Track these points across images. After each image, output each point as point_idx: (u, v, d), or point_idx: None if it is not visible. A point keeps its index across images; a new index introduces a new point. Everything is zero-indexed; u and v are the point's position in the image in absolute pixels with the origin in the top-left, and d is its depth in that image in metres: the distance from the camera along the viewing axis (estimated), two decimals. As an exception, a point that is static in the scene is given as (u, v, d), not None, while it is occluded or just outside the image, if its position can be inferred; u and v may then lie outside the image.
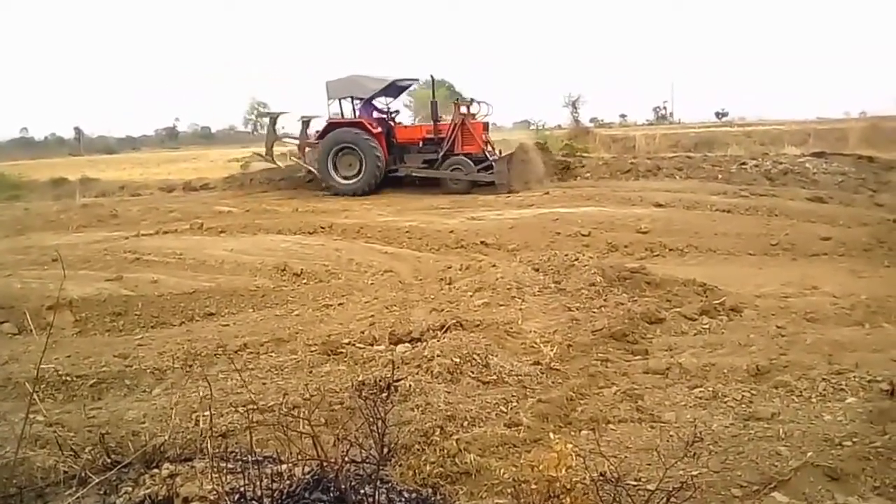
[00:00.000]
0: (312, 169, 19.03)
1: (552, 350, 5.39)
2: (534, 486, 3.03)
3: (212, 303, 7.82)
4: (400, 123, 19.38)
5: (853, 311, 6.36)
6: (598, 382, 4.88)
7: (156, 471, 3.08)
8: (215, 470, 2.87)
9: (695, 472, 3.37)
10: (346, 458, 2.84)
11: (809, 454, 3.42)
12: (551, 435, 3.83)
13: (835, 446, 3.49)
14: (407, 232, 11.34)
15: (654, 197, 13.01)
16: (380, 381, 4.56)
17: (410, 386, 4.60)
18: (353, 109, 18.47)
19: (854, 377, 4.42)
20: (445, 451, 3.61)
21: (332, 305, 7.46)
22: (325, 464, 2.73)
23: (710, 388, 4.59)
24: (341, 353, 5.56)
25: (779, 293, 7.18)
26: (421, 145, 17.90)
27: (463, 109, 17.24)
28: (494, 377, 4.92)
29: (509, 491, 3.24)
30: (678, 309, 6.41)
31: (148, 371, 5.54)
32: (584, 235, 10.67)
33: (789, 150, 22.05)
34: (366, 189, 17.29)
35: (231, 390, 4.87)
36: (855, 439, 3.52)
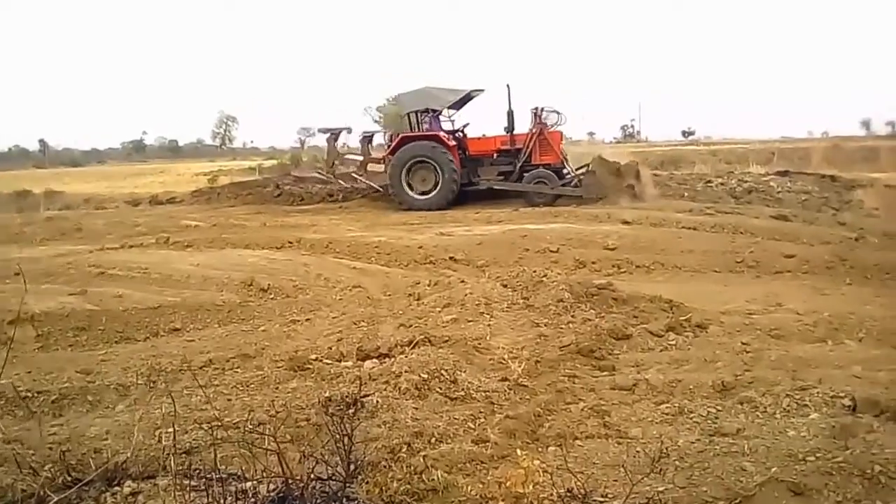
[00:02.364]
0: (375, 185, 18.79)
1: (520, 366, 5.39)
2: (501, 503, 3.03)
3: (177, 318, 7.74)
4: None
5: (816, 327, 6.44)
6: (565, 398, 4.88)
7: (117, 489, 3.04)
8: (178, 488, 2.84)
9: (661, 488, 3.38)
10: (312, 476, 2.82)
11: (774, 469, 3.45)
12: (519, 451, 3.82)
13: (798, 461, 3.52)
14: (376, 247, 11.32)
15: (622, 214, 13.13)
16: (347, 397, 4.53)
17: (378, 402, 4.58)
18: (418, 123, 18.02)
19: (817, 393, 4.47)
20: (412, 467, 3.59)
21: (299, 321, 7.42)
22: (290, 481, 2.71)
23: (677, 404, 4.61)
24: (308, 368, 5.51)
25: (744, 310, 7.24)
26: (495, 157, 17.51)
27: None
28: (462, 393, 4.91)
29: (476, 508, 3.23)
30: (645, 325, 6.44)
31: (111, 387, 5.44)
32: (552, 252, 10.71)
33: (754, 168, 22.41)
34: (443, 204, 16.72)
35: (196, 406, 4.80)
36: (818, 454, 3.56)
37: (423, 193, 17.01)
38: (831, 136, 57.51)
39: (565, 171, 16.97)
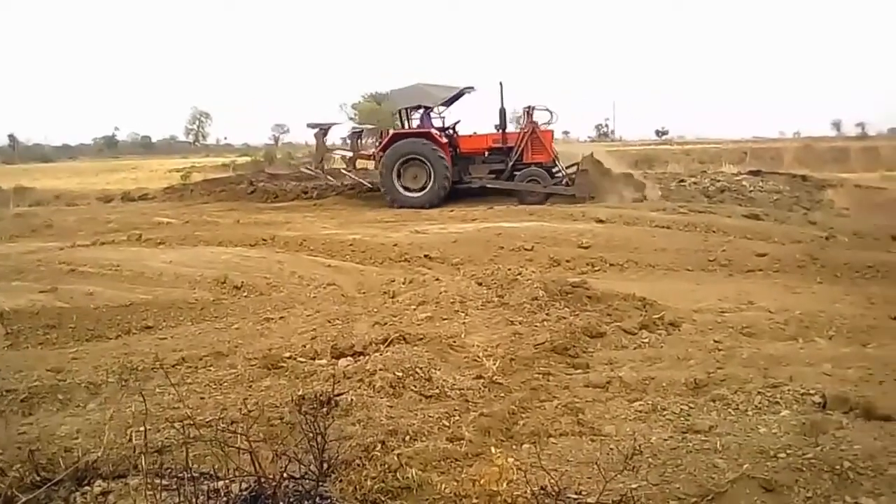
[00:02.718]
0: (364, 182, 18.62)
1: (495, 364, 5.40)
2: (475, 501, 3.03)
3: (149, 315, 7.67)
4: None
5: (787, 325, 6.51)
6: (539, 396, 4.90)
7: (87, 488, 3.00)
8: (150, 487, 2.81)
9: (634, 485, 3.40)
10: (285, 474, 2.80)
11: (745, 466, 3.48)
12: (493, 449, 3.83)
13: (770, 458, 3.56)
14: (350, 245, 11.28)
15: (596, 213, 13.18)
16: (320, 395, 4.51)
17: (352, 400, 4.56)
18: (408, 119, 17.91)
19: (788, 390, 4.52)
20: (387, 465, 3.58)
21: (273, 319, 7.38)
22: (262, 480, 2.69)
23: (650, 402, 4.64)
24: (282, 367, 5.49)
25: (716, 308, 7.30)
26: (486, 155, 17.35)
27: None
28: (437, 391, 4.91)
29: (451, 506, 3.23)
30: (618, 323, 6.47)
31: (82, 385, 5.38)
32: (527, 250, 10.74)
33: (727, 168, 22.64)
34: (434, 202, 16.53)
35: (168, 405, 4.76)
36: (789, 451, 3.60)
37: (413, 191, 16.85)
38: (803, 136, 58.26)
39: (556, 169, 16.92)
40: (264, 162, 37.13)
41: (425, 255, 10.73)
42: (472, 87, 18.16)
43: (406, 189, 16.90)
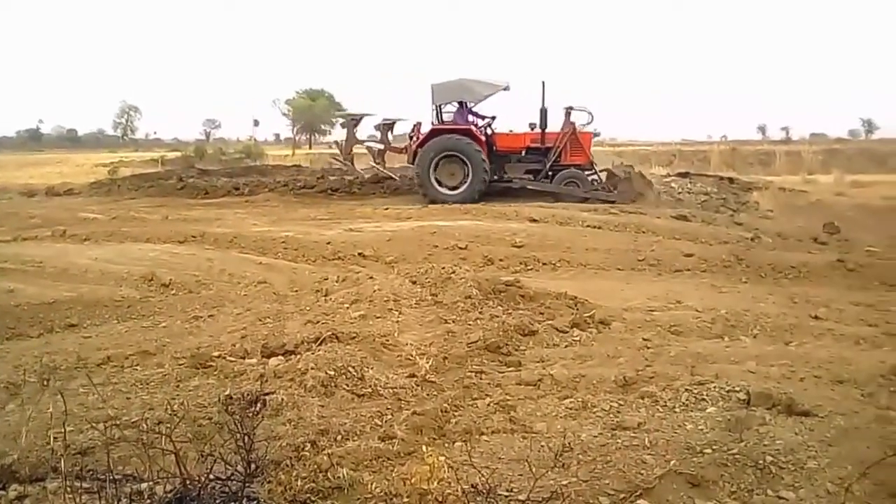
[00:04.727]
0: (393, 175, 18.17)
1: (428, 362, 5.39)
2: (406, 500, 3.02)
3: (73, 313, 7.44)
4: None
5: (714, 324, 6.66)
6: (472, 394, 4.91)
7: (2, 493, 2.89)
8: (69, 490, 2.71)
9: (564, 482, 3.43)
10: (211, 476, 2.74)
11: (672, 462, 3.54)
12: (425, 447, 3.82)
13: (696, 454, 3.63)
14: (283, 242, 11.15)
15: (529, 212, 13.29)
16: (248, 394, 4.44)
17: (283, 400, 4.51)
18: (439, 114, 17.28)
19: (714, 387, 4.62)
20: (317, 465, 3.53)
21: (202, 317, 7.24)
22: (188, 481, 2.63)
23: (580, 399, 4.69)
24: (211, 366, 5.38)
25: (645, 307, 7.43)
26: (523, 154, 16.98)
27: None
28: (369, 390, 4.88)
29: (382, 505, 3.21)
30: (550, 321, 6.53)
31: (1, 386, 5.19)
32: (461, 249, 10.76)
33: (656, 169, 23.09)
34: (470, 200, 15.87)
35: (92, 405, 4.63)
36: (714, 447, 3.68)
37: (450, 188, 16.43)
38: (730, 139, 59.73)
39: (590, 172, 16.71)
40: (195, 157, 36.56)
41: (359, 254, 10.67)
42: (508, 86, 17.69)
43: (441, 185, 16.51)
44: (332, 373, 4.97)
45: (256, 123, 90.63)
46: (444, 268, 8.14)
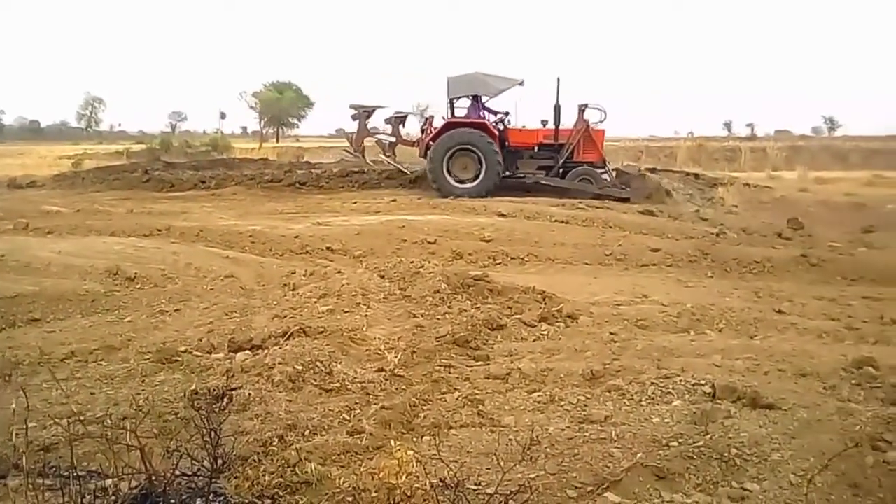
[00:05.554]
0: (402, 168, 17.98)
1: (396, 356, 5.39)
2: (374, 494, 3.01)
3: (36, 308, 7.31)
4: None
5: (679, 318, 6.72)
6: (440, 388, 4.91)
7: (-38, 491, 2.83)
8: (31, 487, 2.67)
9: (532, 475, 3.44)
10: (177, 471, 2.71)
11: (639, 455, 3.57)
12: (393, 442, 3.82)
13: (662, 447, 3.66)
14: (250, 236, 11.06)
15: (497, 207, 13.31)
16: (215, 389, 4.40)
17: (250, 395, 4.48)
18: (452, 108, 17.09)
19: (680, 381, 4.67)
20: (285, 460, 3.51)
21: (168, 311, 7.16)
22: (153, 477, 2.60)
23: (548, 393, 4.72)
24: (177, 361, 5.33)
25: (612, 301, 7.47)
26: (536, 150, 16.83)
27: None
28: (337, 385, 4.87)
29: (349, 500, 3.20)
30: (518, 316, 6.56)
31: (-39, 381, 5.10)
32: (429, 243, 10.75)
33: (624, 165, 23.14)
34: (483, 194, 15.72)
35: (55, 401, 4.56)
36: (680, 440, 3.72)
37: (462, 182, 16.29)
38: (696, 136, 60.32)
39: (602, 170, 16.63)
40: (160, 150, 36.15)
41: (327, 248, 10.62)
42: (523, 81, 17.44)
43: (455, 179, 16.36)
44: (300, 367, 4.95)
45: (223, 116, 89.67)
46: (412, 262, 8.13)
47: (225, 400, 4.27)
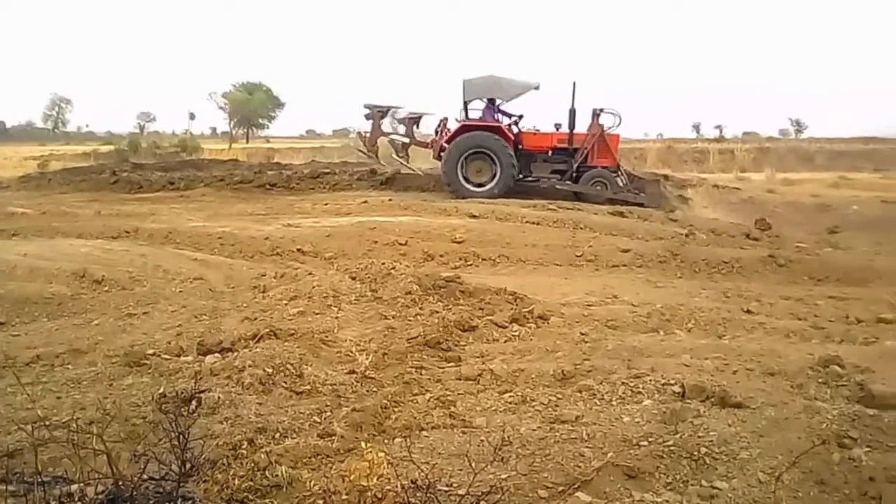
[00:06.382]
0: (414, 169, 17.85)
1: (368, 358, 5.37)
2: (345, 497, 2.99)
3: (1, 311, 7.19)
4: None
5: (649, 318, 6.77)
6: (412, 390, 4.90)
7: (-75, 497, 2.77)
8: (-6, 493, 2.62)
9: (504, 476, 3.45)
10: (145, 475, 2.67)
11: (610, 454, 3.59)
12: (364, 444, 3.80)
13: (633, 446, 3.69)
14: (219, 238, 10.95)
15: (469, 208, 13.30)
16: (183, 393, 4.35)
17: (219, 398, 4.43)
18: (465, 110, 16.86)
19: (650, 381, 4.70)
20: (255, 464, 3.48)
21: (136, 314, 7.07)
22: (120, 482, 2.56)
23: (520, 393, 4.73)
24: (145, 364, 5.27)
25: (583, 302, 7.51)
26: (549, 154, 16.68)
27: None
28: (308, 387, 4.84)
29: (320, 503, 3.18)
30: (490, 317, 6.57)
31: (-77, 386, 5.00)
32: (401, 244, 10.71)
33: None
34: (497, 197, 15.47)
35: (20, 406, 4.49)
36: (651, 439, 3.75)
37: (476, 184, 16.18)
38: (665, 137, 60.78)
39: (616, 175, 16.55)
40: (128, 151, 35.79)
41: (298, 249, 10.55)
42: (539, 85, 17.21)
43: (469, 182, 16.27)
44: (270, 370, 4.92)
45: (192, 117, 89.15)
46: (384, 264, 8.12)
47: (194, 403, 4.23)
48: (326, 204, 15.13)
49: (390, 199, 15.45)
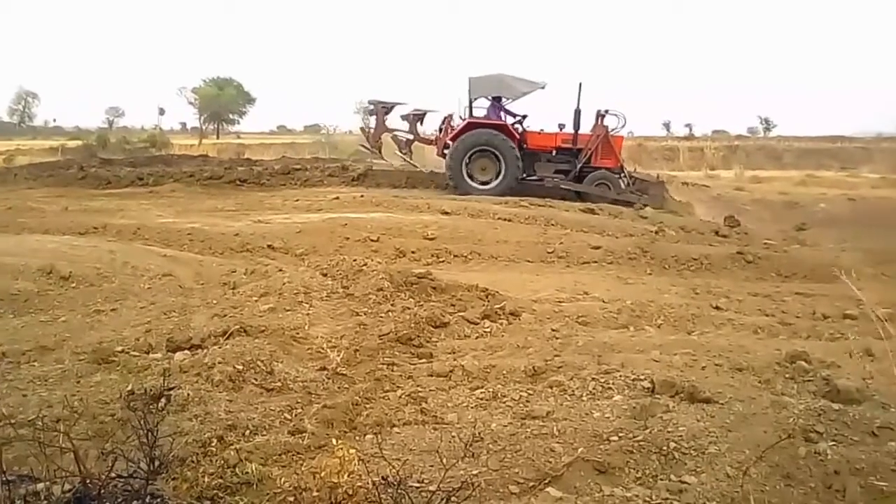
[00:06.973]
0: (421, 168, 17.76)
1: (339, 355, 5.36)
2: (316, 494, 2.98)
3: (-35, 308, 7.09)
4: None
5: (619, 314, 6.81)
6: (383, 386, 4.89)
7: None
8: (-42, 493, 2.58)
9: (475, 472, 3.46)
10: (112, 473, 2.64)
11: (580, 450, 3.61)
12: (335, 441, 3.79)
13: (603, 441, 3.71)
14: (189, 234, 10.85)
15: (441, 205, 13.30)
16: (152, 390, 4.31)
17: (188, 395, 4.40)
18: (470, 108, 16.88)
19: (620, 376, 4.73)
20: (225, 461, 3.46)
21: (104, 311, 7.00)
22: (87, 480, 2.53)
23: (491, 389, 4.74)
24: (113, 361, 5.21)
25: (554, 298, 7.53)
26: (553, 154, 16.75)
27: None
28: (279, 384, 4.82)
29: (291, 500, 3.17)
30: (462, 313, 6.57)
31: None
32: (372, 241, 10.67)
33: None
34: (501, 194, 15.45)
35: (-15, 404, 4.42)
36: (620, 434, 3.77)
37: (481, 182, 16.27)
38: (636, 135, 61.23)
39: (619, 176, 16.66)
40: (97, 146, 35.35)
41: (268, 246, 10.47)
42: (545, 84, 17.40)
43: (472, 179, 16.34)
44: (241, 367, 4.89)
45: (162, 112, 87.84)
46: (355, 260, 8.10)
47: (163, 400, 4.19)
48: (297, 200, 15.04)
49: (362, 196, 15.39)
